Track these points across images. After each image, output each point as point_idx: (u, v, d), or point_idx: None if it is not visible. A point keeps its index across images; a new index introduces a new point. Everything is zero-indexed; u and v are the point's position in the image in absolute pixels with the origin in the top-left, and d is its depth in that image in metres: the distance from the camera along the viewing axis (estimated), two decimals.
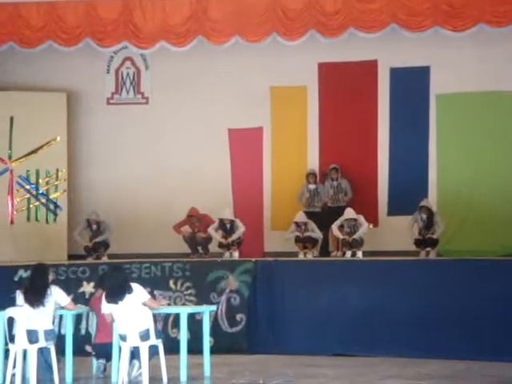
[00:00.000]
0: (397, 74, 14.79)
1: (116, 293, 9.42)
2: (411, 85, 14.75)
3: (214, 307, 11.84)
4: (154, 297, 11.52)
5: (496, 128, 14.44)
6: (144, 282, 10.29)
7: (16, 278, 12.86)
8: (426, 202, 13.68)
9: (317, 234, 13.87)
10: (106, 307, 9.53)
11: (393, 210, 14.54)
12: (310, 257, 13.59)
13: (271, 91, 15.18)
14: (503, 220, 14.11)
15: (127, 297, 9.40)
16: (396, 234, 14.13)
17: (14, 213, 15.12)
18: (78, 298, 12.31)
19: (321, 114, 15.13)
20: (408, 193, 14.22)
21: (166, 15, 13.71)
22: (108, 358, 10.01)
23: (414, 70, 14.67)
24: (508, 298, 11.81)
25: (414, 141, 14.76)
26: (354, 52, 14.53)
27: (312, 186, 14.57)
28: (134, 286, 9.53)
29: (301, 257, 13.60)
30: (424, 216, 13.55)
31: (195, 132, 15.21)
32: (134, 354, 9.61)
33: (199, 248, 13.97)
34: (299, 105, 15.17)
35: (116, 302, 9.41)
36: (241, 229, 13.72)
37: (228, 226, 13.79)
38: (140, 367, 9.52)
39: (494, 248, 13.69)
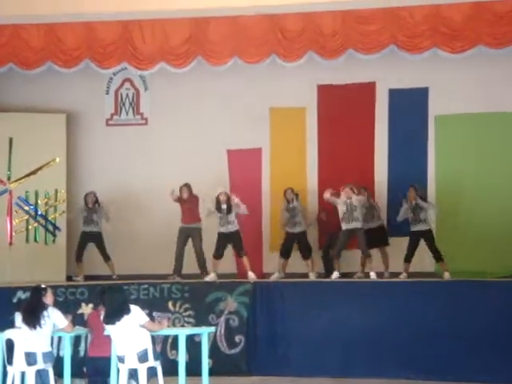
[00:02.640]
0: (395, 96, 14.83)
1: (114, 314, 9.38)
2: (410, 106, 14.78)
3: (212, 329, 11.80)
4: (152, 319, 11.48)
5: (495, 149, 14.46)
6: (142, 304, 10.25)
7: (15, 300, 12.82)
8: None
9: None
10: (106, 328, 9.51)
11: (392, 231, 14.51)
12: (312, 277, 13.58)
13: (270, 112, 15.22)
14: (503, 239, 14.10)
15: (125, 318, 9.36)
16: (395, 254, 14.09)
17: (13, 234, 15.11)
18: (77, 320, 12.27)
19: (320, 135, 15.16)
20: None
21: (166, 36, 13.76)
22: (100, 374, 9.90)
23: (413, 92, 14.71)
24: (506, 319, 11.78)
25: (412, 162, 14.77)
26: (353, 73, 14.58)
27: (290, 205, 14.42)
28: (133, 308, 9.50)
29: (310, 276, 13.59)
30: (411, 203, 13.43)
31: (194, 153, 15.23)
32: (132, 374, 9.55)
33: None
34: (298, 126, 15.20)
35: (113, 323, 9.39)
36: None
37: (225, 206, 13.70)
38: None
39: (494, 268, 13.67)
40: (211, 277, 13.53)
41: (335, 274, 13.44)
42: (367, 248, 13.55)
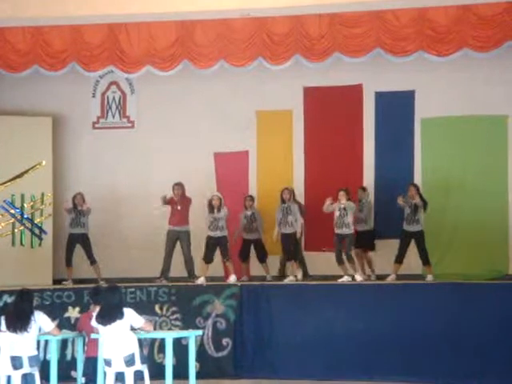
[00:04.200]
0: (382, 98, 14.85)
1: (107, 315, 9.35)
2: (396, 109, 14.81)
3: (199, 332, 11.79)
4: None
5: (480, 152, 14.50)
6: (129, 307, 10.21)
7: (0, 304, 12.79)
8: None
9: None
10: (95, 324, 9.49)
11: (379, 234, 14.54)
12: (294, 278, 13.54)
13: (257, 115, 15.22)
14: (489, 242, 14.14)
15: (117, 322, 9.34)
16: (382, 257, 14.13)
17: None
18: (64, 323, 12.25)
19: (306, 137, 15.16)
20: (394, 215, 14.22)
21: (152, 40, 13.76)
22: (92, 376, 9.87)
23: (399, 95, 14.74)
24: (493, 322, 11.82)
25: (399, 164, 14.80)
26: (340, 76, 14.59)
27: (248, 212, 14.39)
28: (127, 311, 9.46)
29: (290, 278, 13.56)
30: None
31: (181, 156, 15.20)
32: (118, 377, 9.53)
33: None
34: (285, 129, 15.20)
35: (104, 325, 9.36)
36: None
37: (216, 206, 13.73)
38: None
39: (480, 272, 13.70)
40: (201, 280, 13.51)
41: (345, 278, 13.34)
42: (350, 250, 13.51)
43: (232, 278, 13.53)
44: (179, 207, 14.08)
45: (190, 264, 13.99)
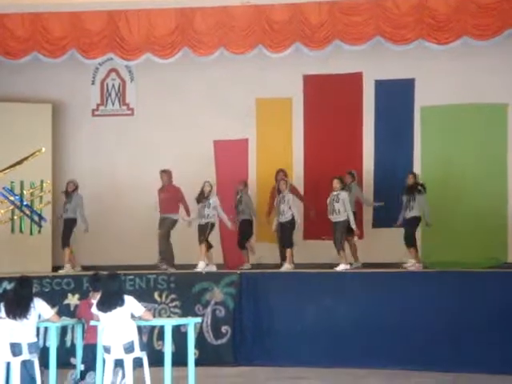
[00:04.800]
0: (382, 87, 14.84)
1: (107, 302, 9.37)
2: (396, 97, 14.80)
3: (199, 319, 11.77)
4: None
5: (480, 140, 14.51)
6: (129, 295, 10.22)
7: (0, 290, 12.80)
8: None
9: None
10: (95, 311, 9.51)
11: (378, 222, 14.55)
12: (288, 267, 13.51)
13: (256, 103, 15.21)
14: (488, 232, 14.16)
15: (117, 309, 9.36)
16: (381, 246, 14.15)
17: None
18: (63, 310, 12.27)
19: (306, 125, 15.16)
20: (393, 204, 14.23)
21: (152, 27, 13.74)
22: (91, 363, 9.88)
23: (399, 83, 14.73)
24: (491, 310, 11.85)
25: (398, 152, 14.81)
26: (339, 64, 14.58)
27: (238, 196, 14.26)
28: (128, 298, 9.47)
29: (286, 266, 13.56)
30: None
31: (180, 143, 15.20)
32: (117, 364, 9.55)
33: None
34: (284, 117, 15.20)
35: (105, 312, 9.38)
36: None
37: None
38: (123, 376, 9.48)
39: (478, 260, 13.72)
40: (201, 267, 13.46)
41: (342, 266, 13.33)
42: (340, 241, 13.42)
43: (200, 265, 13.38)
44: (166, 195, 14.01)
45: (162, 248, 13.84)
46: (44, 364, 9.80)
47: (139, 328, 9.64)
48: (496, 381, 11.15)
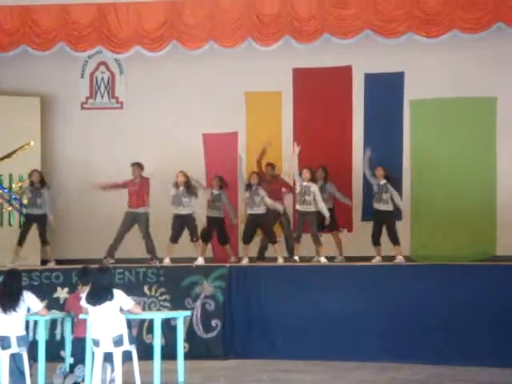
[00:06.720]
0: (371, 80, 14.85)
1: (97, 295, 9.37)
2: (386, 90, 14.81)
3: (188, 313, 11.82)
4: None
5: (469, 133, 14.54)
6: (118, 288, 10.22)
7: None
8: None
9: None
10: (84, 304, 9.50)
11: (367, 215, 14.54)
12: (280, 261, 13.50)
13: (246, 96, 15.20)
14: (477, 225, 14.20)
15: (106, 303, 9.35)
16: (370, 239, 14.13)
17: None
18: (52, 304, 12.25)
19: (295, 119, 15.16)
20: None
21: (141, 20, 13.73)
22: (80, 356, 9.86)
23: (389, 76, 14.74)
24: (480, 303, 11.87)
25: (388, 146, 14.80)
26: (329, 57, 14.58)
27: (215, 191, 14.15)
28: (117, 292, 9.47)
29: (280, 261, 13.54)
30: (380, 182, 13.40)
31: (170, 137, 15.18)
32: (106, 357, 9.55)
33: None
34: (274, 110, 15.19)
35: (94, 305, 9.38)
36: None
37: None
38: (112, 370, 9.47)
39: (467, 253, 13.76)
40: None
41: (322, 258, 13.27)
42: (317, 233, 13.37)
43: (199, 260, 13.42)
44: (137, 188, 13.93)
45: (149, 245, 13.78)
46: (33, 358, 9.79)
47: (129, 322, 9.64)
48: (486, 373, 11.17)
